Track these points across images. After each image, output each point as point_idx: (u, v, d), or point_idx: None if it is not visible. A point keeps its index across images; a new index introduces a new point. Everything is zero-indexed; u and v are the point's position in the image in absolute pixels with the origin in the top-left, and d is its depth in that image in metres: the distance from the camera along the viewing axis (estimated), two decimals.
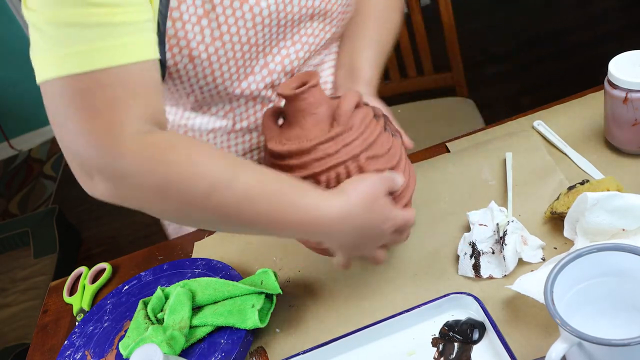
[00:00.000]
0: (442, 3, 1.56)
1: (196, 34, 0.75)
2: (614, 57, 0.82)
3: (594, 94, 0.97)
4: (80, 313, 0.94)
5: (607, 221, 0.70)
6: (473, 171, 0.92)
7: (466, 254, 0.78)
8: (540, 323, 0.69)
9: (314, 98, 0.73)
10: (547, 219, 0.80)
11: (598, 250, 0.60)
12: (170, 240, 1.06)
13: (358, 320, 0.77)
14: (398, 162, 0.74)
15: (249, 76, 0.83)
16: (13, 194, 3.25)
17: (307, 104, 0.73)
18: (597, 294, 0.62)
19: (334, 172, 0.71)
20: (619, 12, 2.84)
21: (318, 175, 0.71)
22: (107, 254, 2.61)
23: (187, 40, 0.74)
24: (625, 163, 0.85)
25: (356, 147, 0.71)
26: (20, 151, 3.60)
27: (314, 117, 0.73)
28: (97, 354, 0.82)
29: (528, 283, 0.69)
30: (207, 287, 0.80)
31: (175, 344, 0.75)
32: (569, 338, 0.56)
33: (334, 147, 0.71)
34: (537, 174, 0.87)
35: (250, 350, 0.78)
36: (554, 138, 0.92)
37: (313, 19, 0.84)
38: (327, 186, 0.71)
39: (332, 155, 0.71)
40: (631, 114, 0.81)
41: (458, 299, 0.73)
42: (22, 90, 3.45)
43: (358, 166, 0.71)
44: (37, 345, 0.93)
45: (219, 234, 0.99)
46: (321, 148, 0.71)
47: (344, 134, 0.71)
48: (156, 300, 0.81)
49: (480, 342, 0.69)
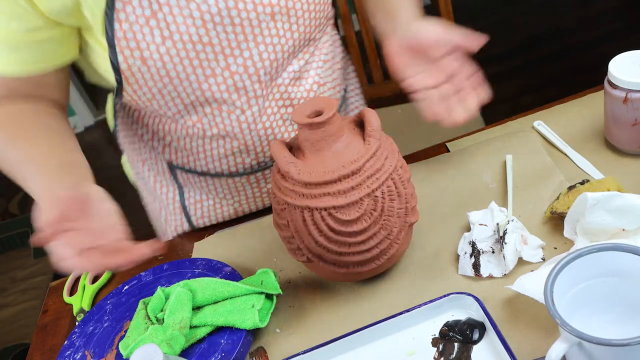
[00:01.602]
0: (442, 3, 1.56)
1: (145, 35, 0.75)
2: (614, 57, 0.82)
3: (594, 94, 0.98)
4: (80, 313, 0.94)
5: (607, 221, 0.70)
6: (473, 173, 0.92)
7: (466, 253, 0.78)
8: (540, 323, 0.69)
9: (338, 122, 0.73)
10: (547, 219, 0.80)
11: (598, 250, 0.60)
12: (170, 240, 1.06)
13: (358, 320, 0.77)
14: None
15: (209, 78, 0.82)
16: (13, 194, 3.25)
17: (335, 128, 0.72)
18: (597, 294, 0.62)
19: (385, 186, 0.72)
20: (619, 12, 2.84)
21: (374, 192, 0.71)
22: None
23: (137, 41, 0.75)
24: (625, 163, 0.85)
25: (393, 158, 0.74)
26: None
27: (342, 140, 0.73)
28: (97, 354, 0.82)
29: (528, 283, 0.69)
30: (207, 287, 0.80)
31: (175, 344, 0.75)
32: (569, 338, 0.56)
33: (379, 163, 0.72)
34: (537, 175, 0.87)
35: (250, 350, 0.78)
36: (554, 138, 0.92)
37: (275, 18, 0.81)
38: (383, 199, 0.72)
39: (380, 169, 0.72)
40: (631, 114, 0.81)
41: (458, 299, 0.73)
42: None
43: (398, 174, 0.74)
44: (37, 345, 0.93)
45: (219, 234, 0.99)
46: (366, 166, 0.71)
47: (381, 148, 0.73)
48: (156, 300, 0.81)
49: (480, 342, 0.69)
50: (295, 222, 0.73)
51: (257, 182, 0.98)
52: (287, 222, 0.74)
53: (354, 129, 0.75)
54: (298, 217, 0.72)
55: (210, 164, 0.94)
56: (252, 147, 0.91)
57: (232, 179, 0.97)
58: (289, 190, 0.72)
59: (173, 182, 1.02)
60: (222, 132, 0.89)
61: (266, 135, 0.90)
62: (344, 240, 0.73)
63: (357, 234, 0.72)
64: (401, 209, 0.74)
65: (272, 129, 0.90)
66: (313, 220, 0.72)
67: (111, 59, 0.77)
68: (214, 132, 0.89)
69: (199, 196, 1.02)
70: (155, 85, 0.80)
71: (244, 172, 0.95)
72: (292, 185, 0.72)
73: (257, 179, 0.97)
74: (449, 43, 0.79)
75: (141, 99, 0.83)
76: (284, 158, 0.72)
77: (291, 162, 0.72)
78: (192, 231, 1.05)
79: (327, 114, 0.71)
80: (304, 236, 0.73)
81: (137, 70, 0.78)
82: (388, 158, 0.73)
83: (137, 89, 0.81)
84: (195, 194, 1.02)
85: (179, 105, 0.85)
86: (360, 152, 0.72)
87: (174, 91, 0.82)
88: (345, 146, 0.73)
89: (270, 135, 0.91)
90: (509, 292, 0.73)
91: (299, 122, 0.71)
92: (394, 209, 0.73)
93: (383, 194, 0.72)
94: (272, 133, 0.91)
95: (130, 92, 0.82)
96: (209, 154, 0.92)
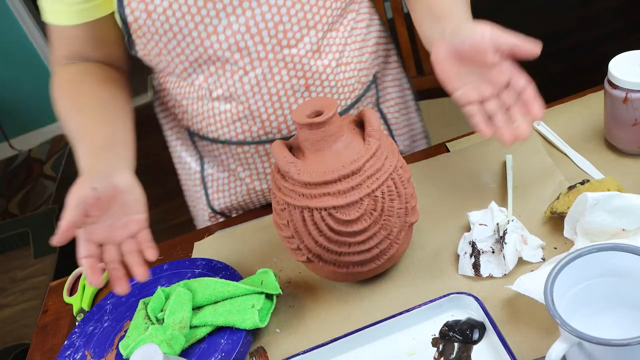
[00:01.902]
0: None
1: None
2: (614, 57, 0.82)
3: (594, 94, 0.98)
4: (80, 313, 0.94)
5: (607, 221, 0.70)
6: (473, 173, 0.92)
7: (466, 253, 0.78)
8: (540, 323, 0.69)
9: (338, 121, 0.73)
10: (547, 219, 0.80)
11: (598, 250, 0.60)
12: (170, 240, 1.06)
13: (358, 320, 0.77)
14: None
15: (212, 35, 0.84)
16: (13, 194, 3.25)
17: (336, 128, 0.72)
18: (597, 294, 0.62)
19: (385, 186, 0.72)
20: (619, 12, 2.84)
21: (374, 192, 0.71)
22: None
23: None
24: (625, 163, 0.85)
25: (393, 158, 0.73)
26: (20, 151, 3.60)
27: (342, 140, 0.73)
28: (97, 354, 0.82)
29: (528, 283, 0.69)
30: (207, 287, 0.80)
31: (175, 344, 0.75)
32: (569, 338, 0.56)
33: (379, 163, 0.72)
34: (537, 175, 0.87)
35: (250, 350, 0.78)
36: (554, 138, 0.92)
37: None
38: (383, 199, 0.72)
39: (380, 169, 0.72)
40: (631, 114, 0.81)
41: (458, 299, 0.73)
42: (22, 90, 3.45)
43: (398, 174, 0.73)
44: (37, 345, 0.93)
45: (219, 234, 0.99)
46: (366, 166, 0.71)
47: (381, 148, 0.73)
48: (156, 300, 0.81)
49: (480, 342, 0.69)
50: (295, 222, 0.73)
51: (267, 155, 0.98)
52: (287, 222, 0.74)
53: (354, 129, 0.76)
54: (298, 217, 0.72)
55: (220, 130, 0.96)
56: (257, 113, 0.91)
57: (242, 148, 0.97)
58: (289, 190, 0.72)
59: (195, 151, 1.05)
60: (227, 93, 0.90)
61: (271, 102, 0.90)
62: (344, 240, 0.73)
63: (357, 234, 0.72)
64: (401, 209, 0.74)
65: (278, 96, 0.90)
66: (313, 220, 0.72)
67: (119, 12, 0.82)
68: (219, 94, 0.90)
69: (215, 167, 1.05)
70: (160, 40, 0.84)
71: (252, 142, 0.96)
72: (292, 185, 0.72)
73: (265, 151, 0.97)
74: (500, 48, 0.69)
75: (150, 54, 0.87)
76: (284, 158, 0.72)
77: (291, 162, 0.72)
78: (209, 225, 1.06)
79: (327, 114, 0.71)
80: (304, 236, 0.73)
81: (143, 24, 0.82)
82: (388, 158, 0.73)
83: (145, 43, 0.85)
84: (212, 164, 1.05)
85: (184, 62, 0.87)
86: (360, 152, 0.72)
87: (178, 47, 0.85)
88: (345, 146, 0.73)
89: (276, 102, 0.91)
90: (509, 292, 0.73)
91: (299, 122, 0.71)
92: (394, 209, 0.73)
93: (383, 194, 0.72)
94: (279, 101, 0.90)
95: (140, 47, 0.86)
96: (218, 119, 0.94)
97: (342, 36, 0.93)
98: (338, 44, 0.92)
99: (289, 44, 0.87)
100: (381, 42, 1.03)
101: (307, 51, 0.88)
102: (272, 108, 0.91)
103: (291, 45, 0.87)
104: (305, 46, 0.88)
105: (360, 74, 0.97)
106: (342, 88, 0.94)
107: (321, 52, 0.90)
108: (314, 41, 0.88)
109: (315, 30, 0.88)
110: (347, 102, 0.96)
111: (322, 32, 0.89)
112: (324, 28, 0.89)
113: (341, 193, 0.70)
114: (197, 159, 1.06)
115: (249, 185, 1.04)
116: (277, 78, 0.89)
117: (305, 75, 0.90)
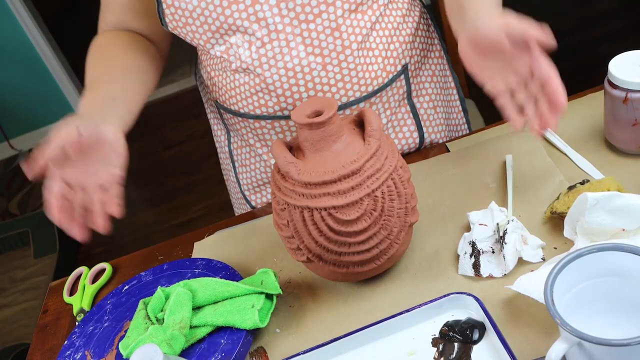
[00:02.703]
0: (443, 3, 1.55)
1: None
2: (614, 57, 0.82)
3: (594, 94, 0.98)
4: (80, 313, 0.94)
5: (607, 221, 0.70)
6: (473, 173, 0.92)
7: (466, 253, 0.78)
8: (540, 323, 0.69)
9: (338, 121, 0.73)
10: (547, 219, 0.80)
11: (598, 250, 0.60)
12: (170, 240, 1.06)
13: (358, 320, 0.77)
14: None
15: (232, 4, 0.85)
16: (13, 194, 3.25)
17: (336, 128, 0.72)
18: (597, 294, 0.62)
19: (385, 186, 0.72)
20: (619, 12, 2.84)
21: (374, 192, 0.71)
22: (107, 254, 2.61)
23: None
24: (625, 163, 0.85)
25: (393, 158, 0.73)
26: (20, 151, 3.60)
27: (342, 140, 0.73)
28: (97, 354, 0.82)
29: (528, 283, 0.69)
30: (207, 287, 0.80)
31: (175, 344, 0.75)
32: (569, 338, 0.56)
33: (379, 163, 0.72)
34: (537, 175, 0.87)
35: (250, 350, 0.78)
36: (554, 138, 0.92)
37: None
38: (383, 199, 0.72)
39: (380, 169, 0.72)
40: (631, 114, 0.81)
41: (458, 299, 0.73)
42: (22, 90, 3.45)
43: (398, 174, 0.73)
44: (37, 345, 0.93)
45: (219, 234, 0.99)
46: (366, 166, 0.71)
47: (381, 148, 0.73)
48: (156, 300, 0.81)
49: (480, 342, 0.69)
50: (295, 222, 0.73)
51: (282, 132, 0.98)
52: (287, 222, 0.74)
53: (354, 129, 0.76)
54: (298, 217, 0.72)
55: (240, 102, 0.97)
56: (273, 87, 0.91)
57: (259, 122, 0.97)
58: (289, 190, 0.72)
59: (222, 124, 1.08)
60: (244, 64, 0.91)
61: (287, 77, 0.90)
62: (344, 240, 0.73)
63: (357, 234, 0.72)
64: (401, 209, 0.74)
65: (294, 72, 0.90)
66: (313, 220, 0.72)
67: None
68: (237, 65, 0.92)
69: (239, 142, 1.07)
70: (187, 8, 0.87)
71: (268, 116, 0.96)
72: (292, 186, 0.72)
73: (282, 128, 0.97)
74: (518, 37, 0.69)
75: (178, 23, 0.90)
76: (284, 158, 0.72)
77: (291, 162, 0.72)
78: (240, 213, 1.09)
79: (327, 114, 0.71)
80: (304, 236, 0.73)
81: None
82: (388, 158, 0.73)
83: (173, 12, 0.88)
84: (236, 138, 1.07)
85: (207, 32, 0.89)
86: (360, 152, 0.72)
87: (202, 16, 0.87)
88: (345, 146, 0.73)
89: (292, 78, 0.90)
90: (509, 292, 0.73)
91: (299, 122, 0.71)
92: (394, 209, 0.73)
93: (383, 194, 0.72)
94: (295, 77, 0.90)
95: (170, 18, 0.90)
96: (238, 91, 0.95)
97: (369, 20, 0.91)
98: (362, 27, 0.90)
99: (307, 19, 0.87)
100: (420, 34, 1.01)
101: (324, 27, 0.88)
102: (287, 84, 0.91)
103: (309, 20, 0.87)
104: (324, 22, 0.87)
105: (386, 62, 0.95)
106: (362, 73, 0.92)
107: (342, 32, 0.89)
108: (332, 18, 0.87)
109: (334, 7, 0.87)
110: (367, 89, 0.94)
111: (341, 9, 0.87)
112: (344, 6, 0.87)
113: (341, 193, 0.70)
114: (225, 132, 1.10)
115: (267, 162, 1.05)
116: (294, 53, 0.89)
117: (322, 53, 0.89)
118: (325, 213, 0.71)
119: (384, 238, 0.74)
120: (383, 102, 0.97)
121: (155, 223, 2.75)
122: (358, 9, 0.90)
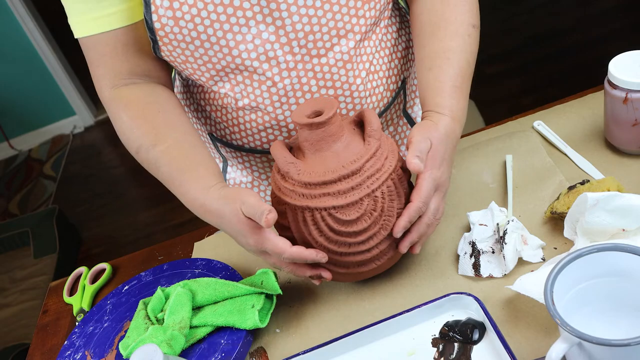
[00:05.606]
0: None
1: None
2: (614, 57, 0.82)
3: (594, 94, 0.98)
4: (80, 313, 0.94)
5: (607, 221, 0.70)
6: (473, 173, 0.92)
7: (466, 253, 0.78)
8: (540, 323, 0.69)
9: (338, 122, 0.73)
10: (547, 219, 0.80)
11: (598, 250, 0.60)
12: (170, 240, 1.06)
13: (358, 320, 0.77)
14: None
15: (240, 44, 0.81)
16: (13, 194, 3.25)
17: (336, 128, 0.72)
18: (597, 294, 0.63)
19: (385, 186, 0.72)
20: (619, 12, 2.84)
21: (374, 193, 0.71)
22: (107, 254, 2.61)
23: (170, 0, 0.77)
24: (625, 163, 0.85)
25: (393, 158, 0.74)
26: (20, 151, 3.60)
27: (342, 140, 0.73)
28: (97, 354, 0.82)
29: (528, 283, 0.69)
30: (207, 287, 0.80)
31: (175, 344, 0.75)
32: (569, 338, 0.56)
33: (379, 163, 0.72)
34: (537, 175, 0.87)
35: (250, 350, 0.78)
36: (554, 138, 0.92)
37: None
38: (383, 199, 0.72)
39: (380, 169, 0.72)
40: (631, 114, 0.81)
41: (458, 299, 0.73)
42: (22, 90, 3.45)
43: (398, 174, 0.73)
44: (37, 345, 0.93)
45: (219, 234, 0.99)
46: (366, 166, 0.71)
47: (381, 148, 0.73)
48: (156, 300, 0.82)
49: (480, 342, 0.69)
50: (295, 222, 0.73)
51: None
52: (287, 222, 0.74)
53: (354, 129, 0.76)
54: (298, 217, 0.72)
55: (245, 138, 0.93)
56: (284, 123, 0.89)
57: (266, 157, 0.96)
58: (289, 191, 0.72)
59: (218, 153, 1.04)
60: (253, 103, 0.87)
61: None
62: (344, 241, 0.73)
63: (357, 234, 0.72)
64: (401, 209, 0.74)
65: None
66: (313, 220, 0.72)
67: (146, 18, 0.80)
68: (245, 103, 0.88)
69: (238, 172, 1.03)
70: (187, 48, 0.82)
71: None
72: (292, 186, 0.72)
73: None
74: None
75: (177, 60, 0.85)
76: (284, 158, 0.72)
77: (291, 163, 0.72)
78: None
79: (327, 114, 0.71)
80: (304, 236, 0.73)
81: (170, 31, 0.80)
82: (388, 158, 0.73)
83: (171, 49, 0.83)
84: (235, 168, 1.04)
85: (211, 70, 0.85)
86: (360, 152, 0.72)
87: (205, 55, 0.82)
88: (345, 146, 0.73)
89: None
90: (509, 292, 0.73)
91: (298, 122, 0.71)
92: (394, 209, 0.73)
93: (383, 194, 0.72)
94: None
95: (167, 53, 0.84)
96: (243, 128, 0.92)
97: (374, 45, 0.90)
98: (369, 54, 0.89)
99: (318, 54, 0.84)
100: (412, 45, 0.99)
101: (337, 60, 0.85)
102: None
103: (321, 54, 0.84)
104: (336, 55, 0.85)
105: (389, 81, 0.94)
106: (369, 98, 0.91)
107: (353, 63, 0.87)
108: (345, 50, 0.85)
109: (346, 39, 0.85)
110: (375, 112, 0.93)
111: (353, 41, 0.85)
112: (356, 37, 0.86)
113: (341, 193, 0.71)
114: (221, 162, 1.05)
115: (265, 193, 1.03)
116: (305, 89, 0.86)
117: (335, 86, 0.87)
118: (325, 213, 0.71)
119: (384, 238, 0.74)
120: (387, 119, 0.97)
121: (155, 223, 2.75)
122: (366, 37, 0.88)
